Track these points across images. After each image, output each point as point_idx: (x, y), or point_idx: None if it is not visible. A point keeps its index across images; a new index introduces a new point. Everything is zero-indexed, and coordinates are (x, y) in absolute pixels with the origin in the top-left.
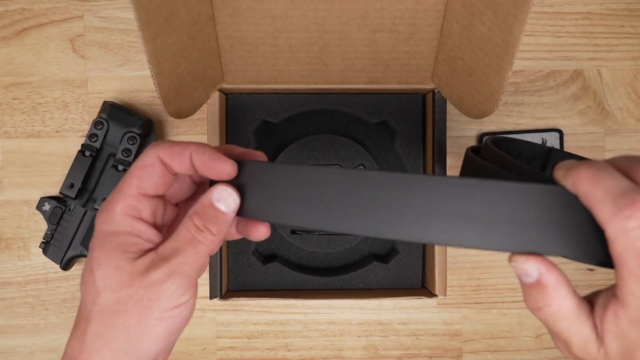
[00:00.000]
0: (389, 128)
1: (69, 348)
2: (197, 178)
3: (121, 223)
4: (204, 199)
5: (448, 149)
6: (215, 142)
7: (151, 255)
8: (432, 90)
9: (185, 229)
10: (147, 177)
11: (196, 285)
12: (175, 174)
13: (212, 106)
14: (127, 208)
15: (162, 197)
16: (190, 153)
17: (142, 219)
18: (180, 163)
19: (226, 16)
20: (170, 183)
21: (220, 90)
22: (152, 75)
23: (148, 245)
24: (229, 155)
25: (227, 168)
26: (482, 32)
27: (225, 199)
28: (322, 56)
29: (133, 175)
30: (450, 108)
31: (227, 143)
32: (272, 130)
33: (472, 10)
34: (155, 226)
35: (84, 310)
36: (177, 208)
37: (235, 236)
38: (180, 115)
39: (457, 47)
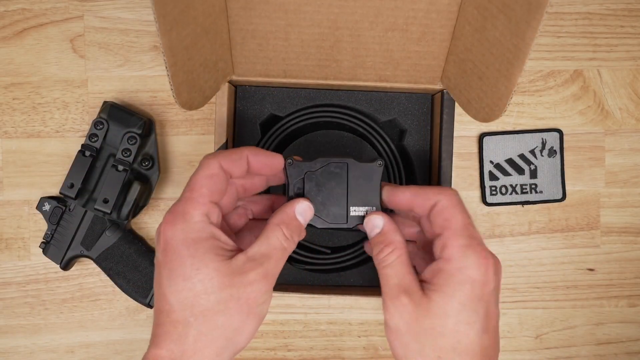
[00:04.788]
0: (397, 126)
1: (168, 352)
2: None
3: (203, 230)
4: (289, 211)
5: None
6: (223, 133)
7: (241, 257)
8: (441, 91)
9: (276, 237)
10: (214, 185)
11: None
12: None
13: (221, 97)
14: (204, 216)
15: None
16: (247, 156)
17: (216, 225)
18: (240, 167)
19: (239, 8)
20: (225, 191)
21: (229, 82)
22: (166, 67)
23: (229, 249)
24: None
25: (280, 162)
26: (494, 36)
27: (305, 212)
28: (333, 52)
29: (202, 184)
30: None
31: (234, 135)
32: (279, 124)
33: (485, 13)
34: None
35: (177, 317)
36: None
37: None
38: (191, 107)
39: (468, 49)
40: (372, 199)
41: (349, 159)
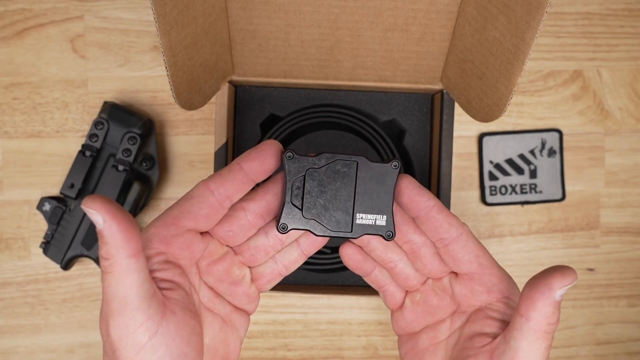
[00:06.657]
0: (397, 126)
1: None
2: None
3: None
4: None
5: None
6: (223, 133)
7: None
8: (441, 91)
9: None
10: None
11: None
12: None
13: (221, 98)
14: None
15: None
16: (240, 166)
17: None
18: (237, 184)
19: (239, 9)
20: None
21: (229, 82)
22: (165, 67)
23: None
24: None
25: (273, 165)
26: (493, 36)
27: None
28: (333, 52)
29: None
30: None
31: (234, 135)
32: (279, 124)
33: (485, 14)
34: None
35: None
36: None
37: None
38: (191, 107)
39: (468, 49)
40: (383, 206)
41: (359, 157)
